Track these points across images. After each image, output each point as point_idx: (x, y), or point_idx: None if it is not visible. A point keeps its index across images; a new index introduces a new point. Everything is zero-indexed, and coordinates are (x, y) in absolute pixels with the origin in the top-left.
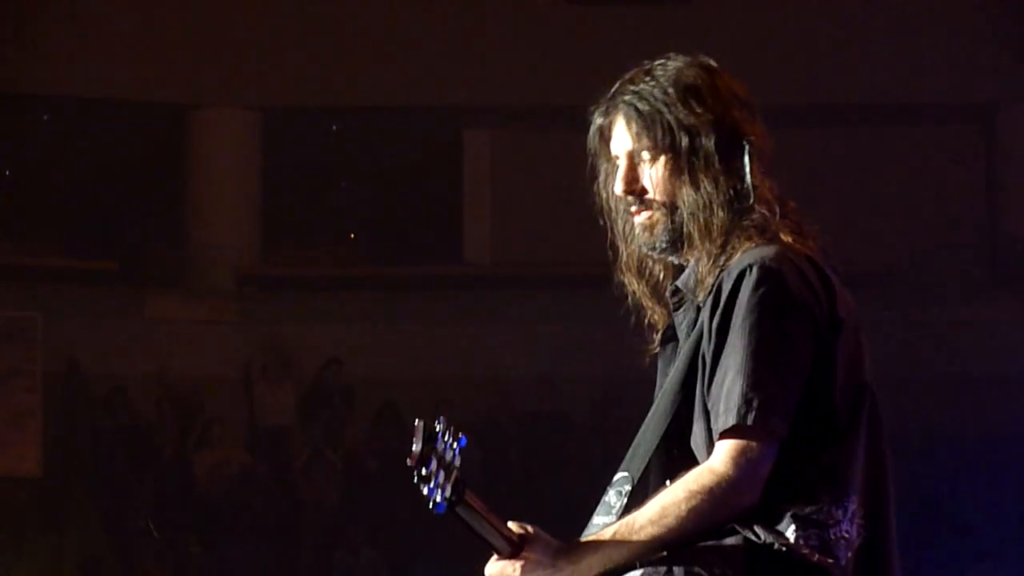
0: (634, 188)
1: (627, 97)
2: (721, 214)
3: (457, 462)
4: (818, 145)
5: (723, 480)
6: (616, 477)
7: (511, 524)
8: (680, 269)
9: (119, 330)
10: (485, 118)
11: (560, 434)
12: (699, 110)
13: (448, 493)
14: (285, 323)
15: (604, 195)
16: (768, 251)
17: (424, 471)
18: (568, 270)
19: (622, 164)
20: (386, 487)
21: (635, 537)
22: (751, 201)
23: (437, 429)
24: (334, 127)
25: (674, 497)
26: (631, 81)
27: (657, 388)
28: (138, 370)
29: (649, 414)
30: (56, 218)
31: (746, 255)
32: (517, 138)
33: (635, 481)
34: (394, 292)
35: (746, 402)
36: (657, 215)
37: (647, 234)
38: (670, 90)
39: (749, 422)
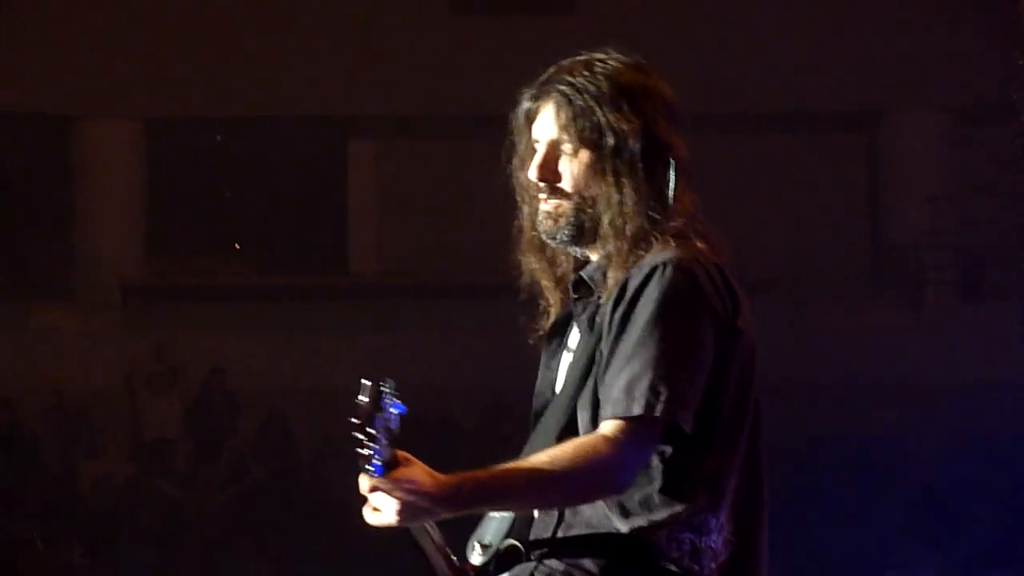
0: (547, 176)
1: (562, 87)
2: (638, 219)
3: (397, 430)
4: (702, 153)
5: (615, 456)
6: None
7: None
8: (582, 263)
9: (3, 342)
10: (370, 128)
11: (448, 442)
12: (630, 114)
13: (387, 457)
14: (170, 333)
15: (517, 176)
16: (682, 253)
17: (370, 430)
18: (453, 279)
19: (540, 150)
20: (272, 496)
21: (512, 481)
22: (669, 210)
23: (384, 391)
24: (218, 137)
25: (558, 460)
26: (568, 71)
27: (539, 380)
28: (23, 382)
29: (544, 408)
30: None
31: (659, 255)
32: (402, 147)
33: None
34: (280, 302)
35: (655, 394)
36: (565, 206)
37: (550, 222)
38: (605, 89)
39: (657, 413)
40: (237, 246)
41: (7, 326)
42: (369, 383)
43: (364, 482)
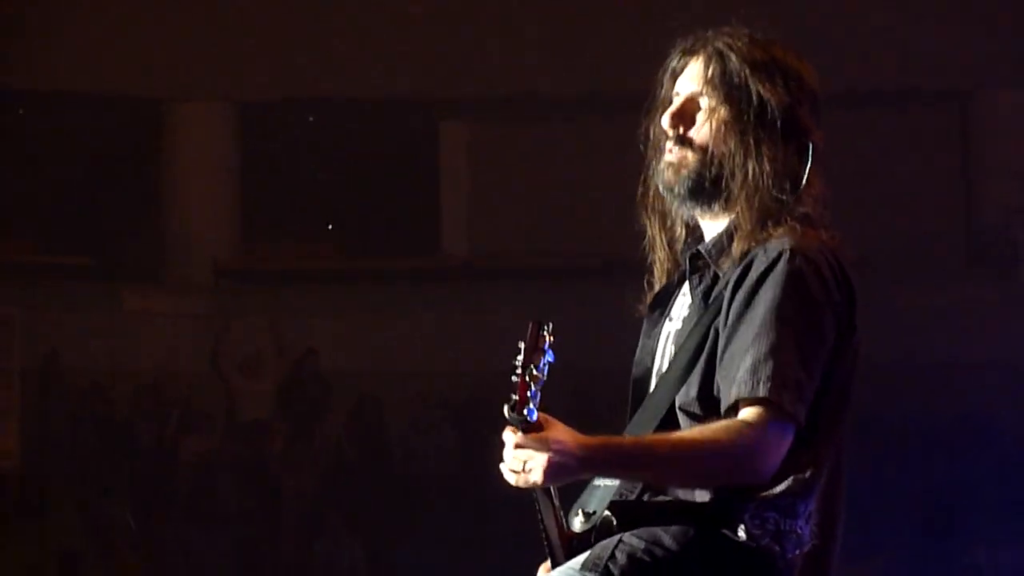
0: (678, 125)
1: (719, 45)
2: (768, 193)
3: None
4: None
5: (755, 443)
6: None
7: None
8: (695, 233)
9: (97, 324)
10: (462, 110)
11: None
12: (779, 88)
13: (536, 410)
14: (262, 316)
15: (649, 128)
16: (809, 242)
17: (535, 372)
18: (547, 262)
19: (677, 101)
20: (364, 476)
21: (657, 452)
22: (798, 193)
23: (546, 335)
24: (311, 119)
25: (703, 437)
26: (728, 34)
27: (640, 348)
28: (116, 364)
29: (645, 375)
30: (31, 213)
31: (785, 239)
32: (494, 130)
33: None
34: (371, 284)
35: (780, 383)
36: (691, 158)
37: (671, 172)
38: (760, 57)
39: (781, 401)
40: (330, 227)
41: (100, 309)
42: (533, 324)
43: (510, 437)
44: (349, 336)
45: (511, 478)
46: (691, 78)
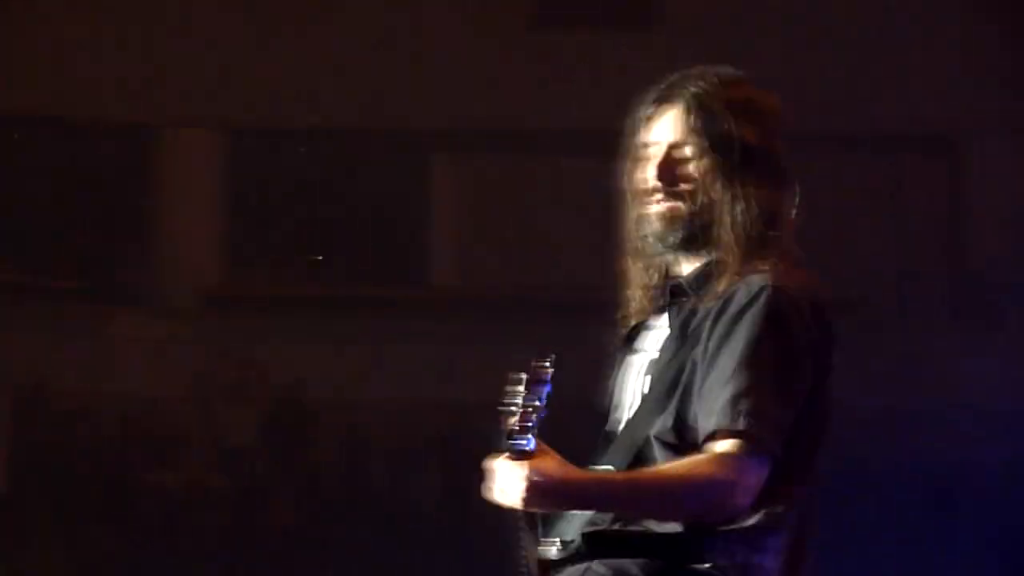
0: (665, 177)
1: (693, 90)
2: (754, 231)
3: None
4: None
5: (735, 476)
6: (596, 469)
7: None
8: (671, 270)
9: (83, 349)
10: (452, 142)
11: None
12: (757, 128)
13: (534, 439)
14: (249, 343)
15: (628, 179)
16: (790, 280)
17: (537, 402)
18: (536, 294)
19: (659, 152)
20: (348, 507)
21: (641, 489)
22: (777, 231)
23: (548, 366)
24: (301, 149)
25: (685, 472)
26: (698, 77)
27: (614, 382)
28: (102, 389)
29: (626, 408)
30: (18, 236)
31: (767, 275)
32: (484, 162)
33: (626, 465)
34: (359, 314)
35: (758, 416)
36: (681, 209)
37: (662, 224)
38: (737, 99)
39: (760, 434)
40: (319, 258)
41: (86, 332)
42: (537, 354)
43: (501, 461)
44: (336, 365)
45: (493, 494)
46: (670, 126)
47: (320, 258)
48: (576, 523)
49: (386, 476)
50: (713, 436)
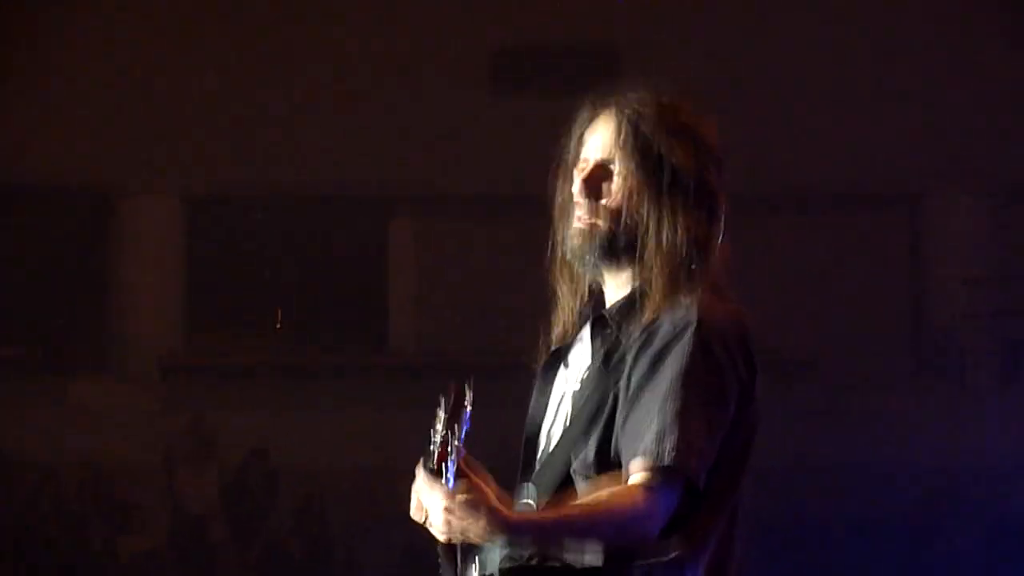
0: (590, 193)
1: (627, 110)
2: (679, 259)
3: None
4: (740, 233)
5: (650, 507)
6: (518, 502)
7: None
8: (598, 296)
9: (41, 418)
10: (410, 208)
11: None
12: (690, 153)
13: (453, 478)
14: (208, 410)
15: (556, 191)
16: (715, 312)
17: (457, 437)
18: (496, 359)
19: (587, 166)
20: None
21: (565, 527)
22: (708, 259)
23: (467, 400)
24: (258, 216)
25: (611, 507)
26: (635, 99)
27: (532, 405)
28: (61, 458)
29: (536, 435)
30: None
31: (695, 307)
32: (442, 228)
33: (548, 496)
34: (319, 381)
35: (684, 449)
36: (602, 226)
37: (580, 239)
38: (672, 123)
39: (685, 468)
40: (278, 326)
41: (45, 401)
42: (455, 388)
43: (425, 486)
44: (295, 432)
45: (416, 516)
46: (600, 143)
47: (279, 325)
48: (493, 557)
49: (345, 542)
50: (637, 469)
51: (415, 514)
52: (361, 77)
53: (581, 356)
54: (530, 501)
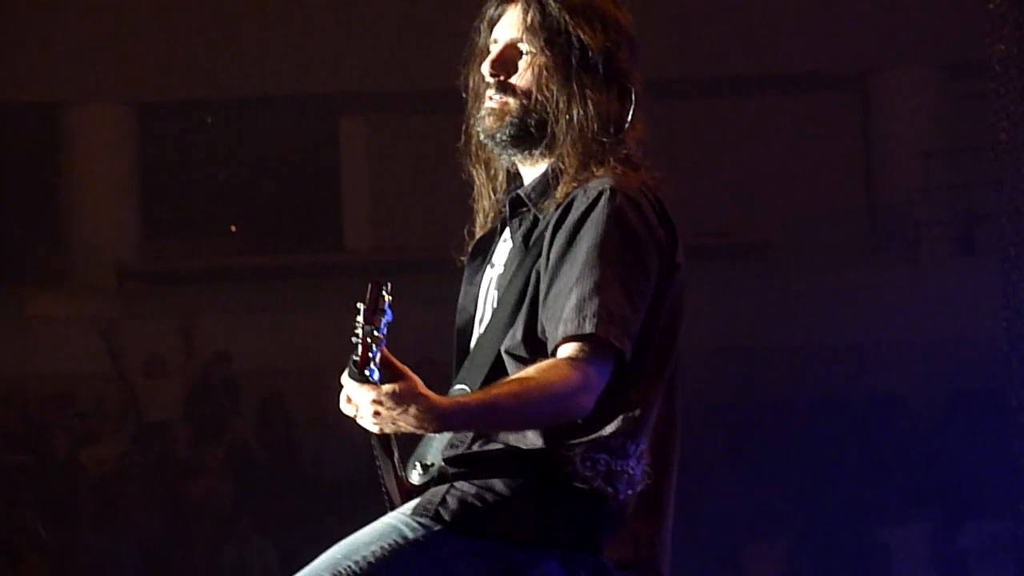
0: (499, 72)
1: None
2: (590, 137)
3: (384, 336)
4: (692, 118)
5: (580, 379)
6: (453, 389)
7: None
8: (515, 180)
9: (1, 330)
10: (360, 105)
11: None
12: (598, 33)
13: (377, 370)
14: (166, 317)
15: (469, 77)
16: (630, 182)
17: (376, 333)
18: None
19: (496, 48)
20: (273, 476)
21: (496, 407)
22: (622, 135)
23: (385, 295)
24: (209, 120)
25: (538, 382)
26: None
27: (462, 295)
28: (20, 370)
29: (468, 323)
30: None
31: (606, 179)
32: (392, 123)
33: (481, 380)
34: (276, 282)
35: (605, 317)
36: (512, 104)
37: (492, 119)
38: (579, 3)
39: (608, 336)
40: (232, 228)
41: (2, 315)
42: (372, 284)
43: (351, 381)
44: (255, 334)
45: (346, 410)
46: (509, 25)
47: (233, 228)
48: (435, 446)
49: (309, 443)
50: (561, 343)
51: (345, 408)
52: None
53: (503, 241)
54: (465, 387)
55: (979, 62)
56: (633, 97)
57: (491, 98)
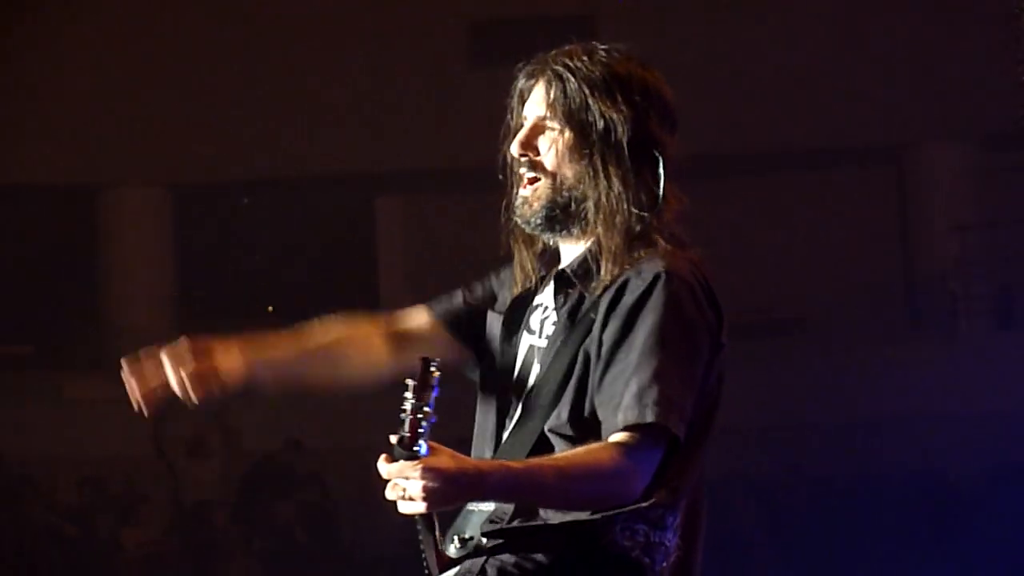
0: (527, 152)
1: (557, 67)
2: (626, 212)
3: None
4: (732, 195)
5: (631, 465)
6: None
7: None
8: (556, 253)
9: (38, 414)
10: (396, 185)
11: None
12: (622, 104)
13: (426, 444)
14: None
15: (507, 155)
16: (680, 263)
17: (427, 408)
18: None
19: (526, 126)
20: (322, 566)
21: (542, 478)
22: (658, 208)
23: (434, 370)
24: (245, 201)
25: (587, 462)
26: (567, 55)
27: (499, 355)
28: (60, 453)
29: (508, 387)
30: None
31: (656, 260)
32: (429, 202)
33: (524, 455)
34: None
35: (664, 405)
36: (542, 188)
37: (527, 208)
38: (598, 74)
39: (667, 423)
40: (270, 308)
41: (41, 398)
42: (422, 360)
43: (391, 466)
44: (294, 411)
45: (391, 496)
46: (537, 102)
47: (271, 309)
48: (473, 519)
49: (350, 522)
50: (622, 430)
51: (390, 494)
52: (338, 58)
53: (542, 308)
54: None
55: (1014, 135)
56: (662, 168)
57: (525, 183)
